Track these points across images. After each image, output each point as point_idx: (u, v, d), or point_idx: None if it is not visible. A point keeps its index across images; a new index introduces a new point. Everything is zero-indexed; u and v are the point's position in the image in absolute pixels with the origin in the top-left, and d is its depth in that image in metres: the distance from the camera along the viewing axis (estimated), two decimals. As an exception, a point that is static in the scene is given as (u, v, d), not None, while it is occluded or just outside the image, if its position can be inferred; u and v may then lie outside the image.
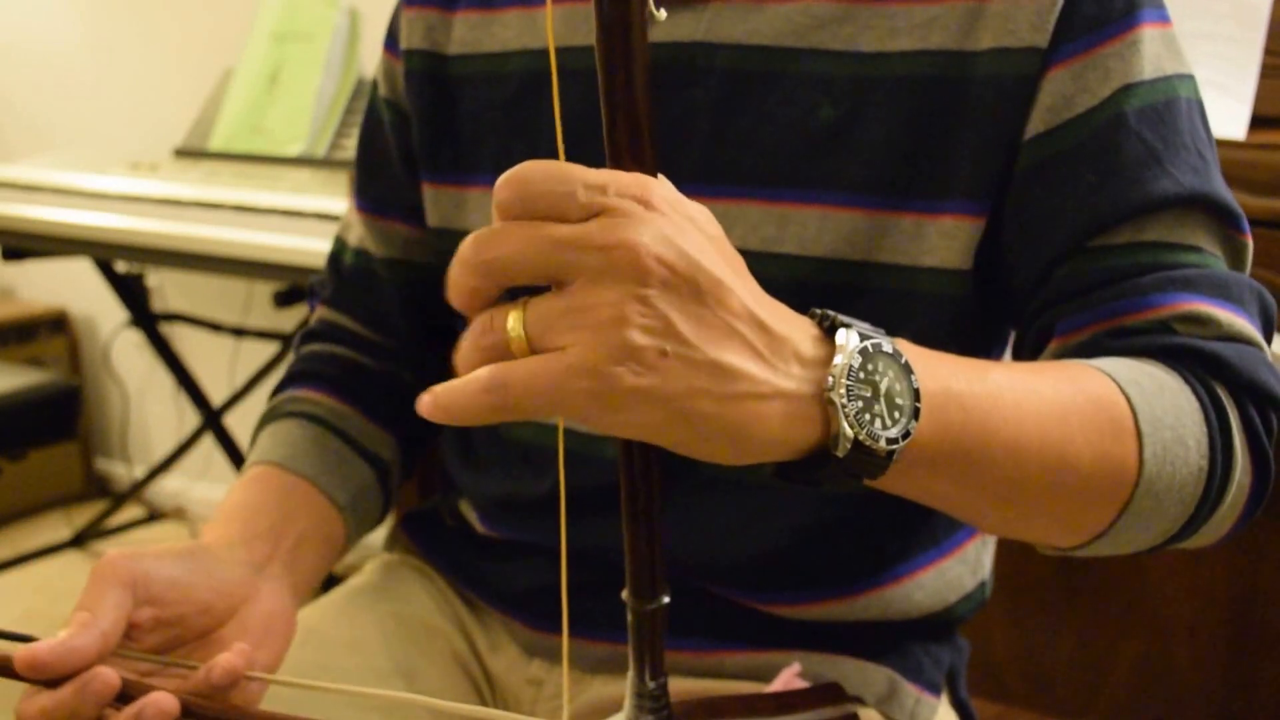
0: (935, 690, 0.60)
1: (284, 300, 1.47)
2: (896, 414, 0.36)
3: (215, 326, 1.78)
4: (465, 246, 0.32)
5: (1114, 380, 0.43)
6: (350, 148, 0.69)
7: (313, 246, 1.11)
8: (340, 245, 0.70)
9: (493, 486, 0.64)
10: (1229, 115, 0.88)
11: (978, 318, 0.53)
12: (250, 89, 1.57)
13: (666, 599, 0.37)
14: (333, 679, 0.57)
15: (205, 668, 0.44)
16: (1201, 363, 0.45)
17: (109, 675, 0.42)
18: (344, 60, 1.52)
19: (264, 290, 1.85)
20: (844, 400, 0.35)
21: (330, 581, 1.77)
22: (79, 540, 1.96)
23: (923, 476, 0.39)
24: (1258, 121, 0.88)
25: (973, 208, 0.50)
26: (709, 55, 0.53)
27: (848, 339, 0.36)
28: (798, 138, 0.52)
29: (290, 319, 1.77)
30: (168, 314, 1.82)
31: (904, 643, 0.60)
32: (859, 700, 0.57)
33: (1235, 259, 0.49)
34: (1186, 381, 0.44)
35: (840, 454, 0.35)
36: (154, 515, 2.10)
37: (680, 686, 0.56)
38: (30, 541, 1.97)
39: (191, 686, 0.44)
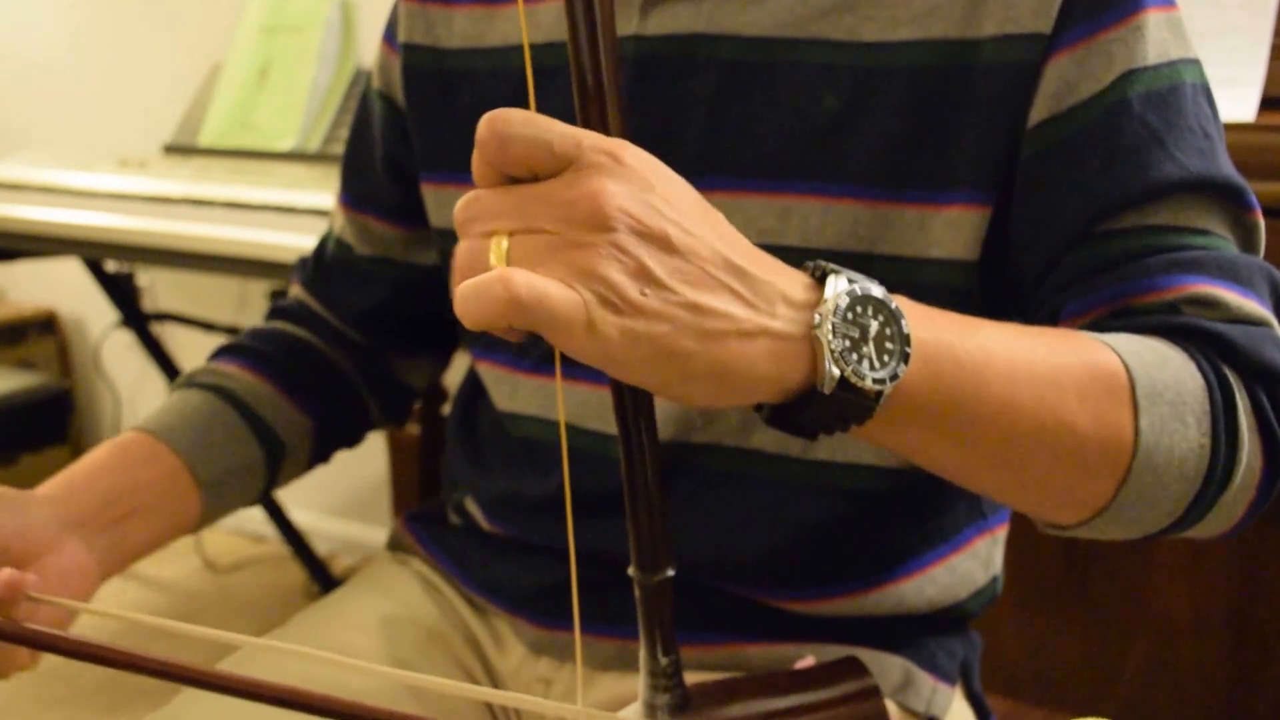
0: (950, 680, 0.60)
1: (280, 298, 1.46)
2: (886, 357, 0.37)
3: (208, 326, 1.76)
4: (456, 210, 0.34)
5: (1113, 349, 0.42)
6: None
7: (307, 243, 1.09)
8: (328, 231, 0.72)
9: (498, 484, 0.63)
10: (1238, 99, 0.88)
11: (983, 309, 0.52)
12: (239, 84, 1.56)
13: (671, 571, 0.38)
14: (331, 682, 0.56)
15: None
16: (1209, 343, 0.44)
17: None
18: (339, 52, 1.51)
19: (258, 289, 1.84)
20: (830, 338, 0.36)
21: (330, 583, 1.76)
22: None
23: (913, 427, 0.39)
24: (1267, 103, 0.87)
25: (978, 198, 0.49)
26: (710, 47, 0.52)
27: (836, 283, 0.37)
28: (800, 128, 0.51)
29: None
30: (159, 314, 1.81)
31: (917, 635, 0.59)
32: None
33: (1246, 238, 0.49)
34: (1192, 358, 0.44)
35: (826, 390, 0.36)
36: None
37: (695, 680, 0.55)
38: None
39: None
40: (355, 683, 0.56)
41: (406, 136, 0.64)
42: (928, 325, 0.39)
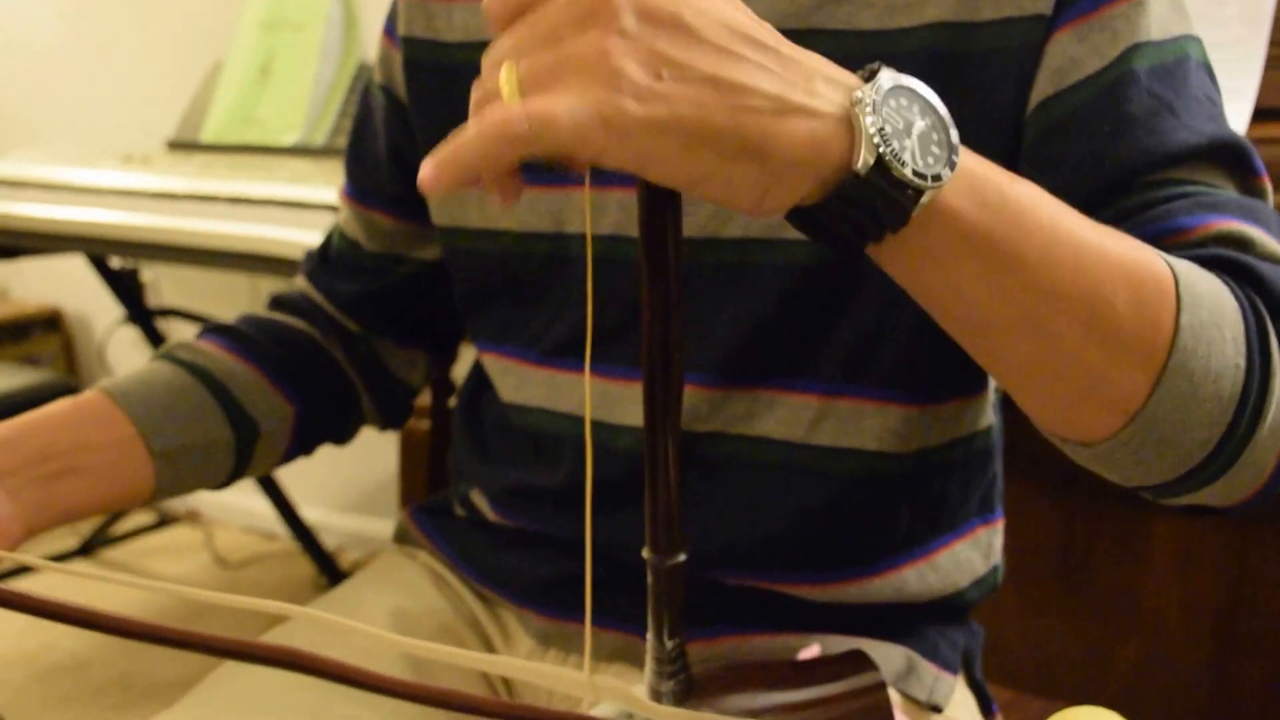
0: (953, 669, 0.60)
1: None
2: (929, 157, 0.35)
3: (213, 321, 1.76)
4: (482, 71, 0.34)
5: (1156, 251, 0.41)
6: (351, 134, 0.71)
7: (312, 238, 1.09)
8: (334, 225, 0.72)
9: (504, 476, 0.63)
10: (1232, 111, 0.87)
11: None
12: (241, 80, 1.56)
13: (684, 556, 0.37)
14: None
15: None
16: (1241, 274, 0.43)
17: None
18: (342, 47, 1.51)
19: (263, 284, 1.84)
20: (869, 116, 0.34)
21: (338, 576, 1.77)
22: (87, 549, 1.93)
23: (948, 259, 0.37)
24: (1260, 114, 0.86)
25: None
26: None
27: (885, 73, 0.35)
28: None
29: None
30: (163, 310, 1.81)
31: (919, 625, 0.60)
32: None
33: (1254, 199, 0.48)
34: (1225, 283, 0.42)
35: (860, 171, 0.33)
36: (165, 519, 2.06)
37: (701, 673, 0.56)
38: (35, 551, 1.94)
39: None
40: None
41: (410, 129, 0.64)
42: (975, 157, 0.37)
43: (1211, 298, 0.41)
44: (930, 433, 0.56)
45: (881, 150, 0.34)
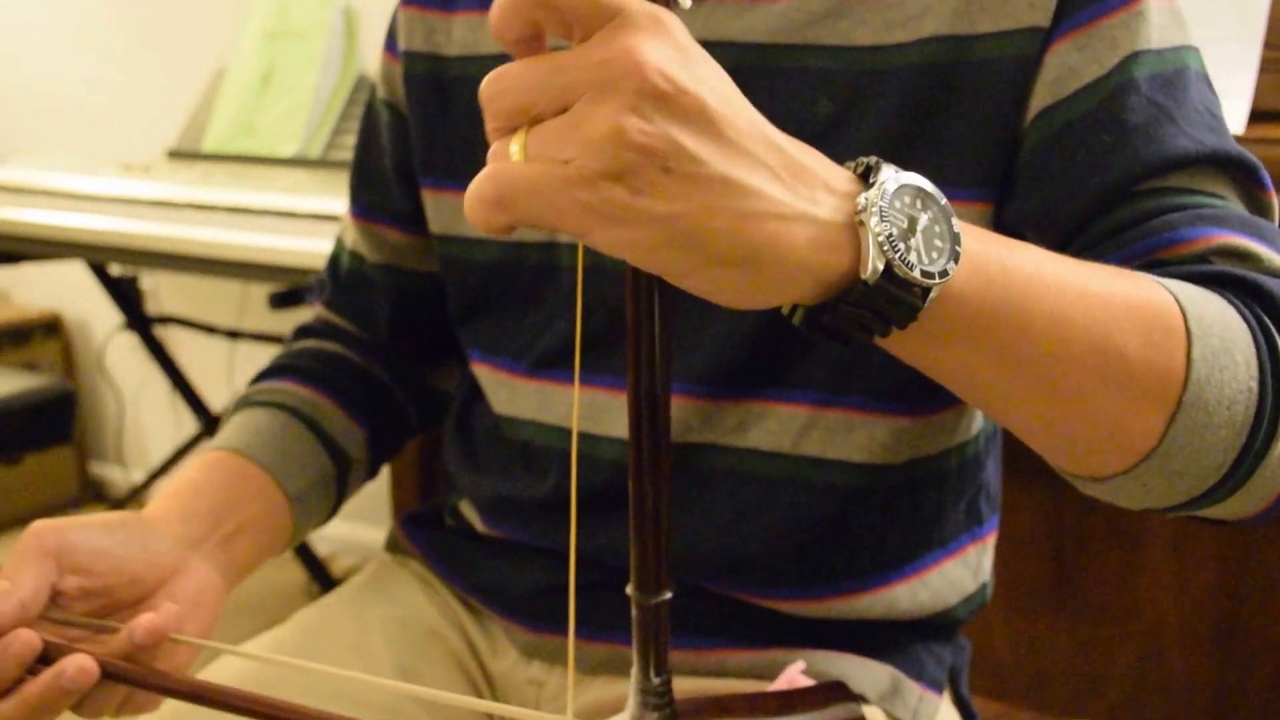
0: (938, 688, 0.60)
1: (280, 302, 1.46)
2: (934, 253, 0.34)
3: (211, 329, 1.77)
4: (482, 86, 0.31)
5: (1159, 283, 0.40)
6: (349, 147, 0.69)
7: (308, 247, 1.10)
8: (339, 247, 0.72)
9: (493, 486, 0.64)
10: (1228, 110, 0.87)
11: None
12: (243, 89, 1.57)
13: (669, 594, 0.37)
14: (334, 680, 0.57)
15: (128, 627, 0.45)
16: (1245, 290, 0.42)
17: (30, 636, 0.43)
18: (342, 58, 1.52)
19: (259, 292, 1.84)
20: (875, 223, 0.33)
21: (329, 583, 1.77)
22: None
23: (959, 342, 0.37)
24: (1256, 116, 0.87)
25: (976, 194, 0.50)
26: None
27: (883, 172, 0.34)
28: (793, 133, 0.51)
29: (287, 321, 1.76)
30: (162, 317, 1.82)
31: (906, 642, 0.60)
32: (863, 698, 0.57)
33: (1260, 215, 0.48)
34: (1231, 303, 0.42)
35: (869, 280, 0.33)
36: (151, 519, 2.07)
37: (682, 686, 0.56)
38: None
39: (114, 649, 0.45)
40: (364, 691, 0.57)
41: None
42: (974, 234, 0.36)
43: (1221, 323, 0.40)
44: (920, 444, 0.56)
45: (890, 256, 0.33)
